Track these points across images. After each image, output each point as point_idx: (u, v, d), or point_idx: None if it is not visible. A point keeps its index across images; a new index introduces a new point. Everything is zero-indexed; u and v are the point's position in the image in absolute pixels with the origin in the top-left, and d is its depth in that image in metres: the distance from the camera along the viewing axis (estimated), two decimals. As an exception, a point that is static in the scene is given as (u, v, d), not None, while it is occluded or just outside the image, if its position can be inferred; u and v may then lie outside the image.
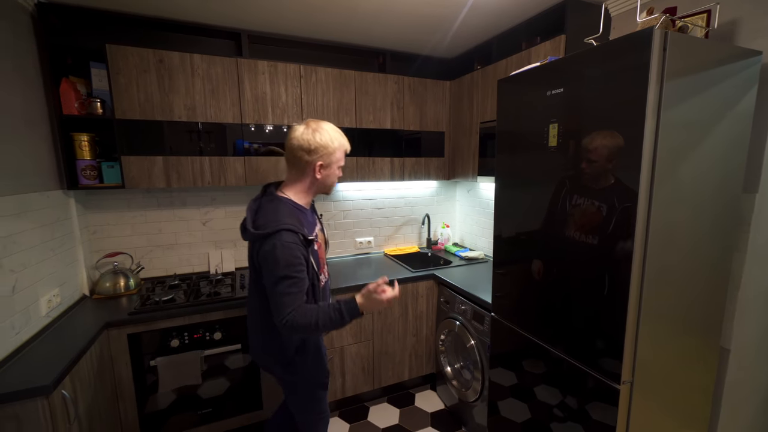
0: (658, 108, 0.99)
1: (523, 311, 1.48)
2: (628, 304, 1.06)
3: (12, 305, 1.32)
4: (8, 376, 1.18)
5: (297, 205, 1.28)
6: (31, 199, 1.49)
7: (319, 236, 1.37)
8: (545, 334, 1.36)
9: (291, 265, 1.13)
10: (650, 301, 1.08)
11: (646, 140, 0.99)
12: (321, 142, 1.24)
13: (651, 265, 1.06)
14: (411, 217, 2.85)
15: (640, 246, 1.04)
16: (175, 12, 1.82)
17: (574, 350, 1.24)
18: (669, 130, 1.01)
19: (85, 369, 1.37)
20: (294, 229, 1.16)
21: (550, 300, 1.34)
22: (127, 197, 2.04)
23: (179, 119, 1.84)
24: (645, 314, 1.08)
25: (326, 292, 1.41)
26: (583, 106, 1.16)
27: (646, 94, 0.97)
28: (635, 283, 1.05)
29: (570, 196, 1.21)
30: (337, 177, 1.35)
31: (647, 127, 0.98)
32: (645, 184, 1.01)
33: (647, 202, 1.02)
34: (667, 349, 1.17)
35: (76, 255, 1.81)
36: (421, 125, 2.44)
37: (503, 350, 1.61)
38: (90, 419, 1.38)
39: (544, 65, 1.30)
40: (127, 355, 1.63)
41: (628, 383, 1.11)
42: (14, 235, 1.37)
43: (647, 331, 1.10)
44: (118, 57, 1.71)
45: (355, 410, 2.21)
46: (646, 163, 1.00)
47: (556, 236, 1.28)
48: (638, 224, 1.02)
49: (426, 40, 2.20)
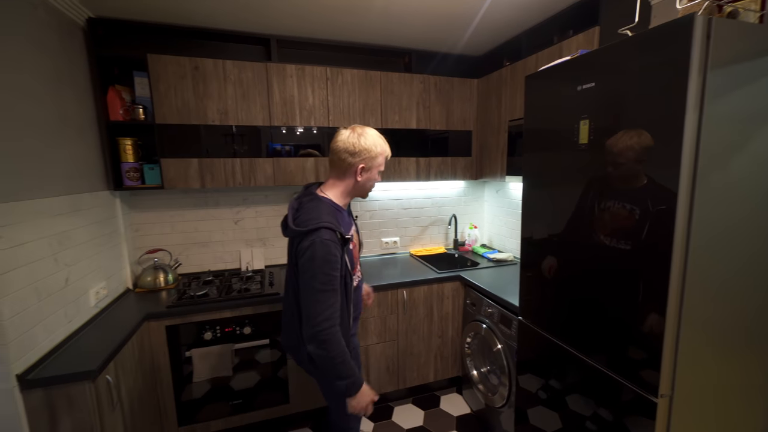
0: (700, 101, 0.92)
1: (552, 316, 1.42)
2: (666, 313, 0.99)
3: (65, 296, 1.45)
4: (61, 360, 1.29)
5: (336, 205, 1.31)
6: (83, 199, 1.62)
7: (354, 237, 1.39)
8: (575, 341, 1.30)
9: (327, 262, 1.15)
10: (694, 311, 1.01)
11: (686, 136, 0.92)
12: (364, 145, 1.28)
13: (694, 272, 0.98)
14: (438, 218, 2.82)
15: (680, 252, 0.97)
16: (210, 21, 1.91)
17: (608, 359, 1.18)
18: (714, 125, 0.94)
19: (127, 357, 1.47)
20: (332, 227, 1.18)
21: (579, 305, 1.28)
22: (167, 197, 2.17)
23: (213, 123, 1.93)
24: (687, 324, 1.00)
25: (359, 292, 1.44)
26: (616, 101, 1.09)
27: (687, 86, 0.90)
28: (674, 292, 0.98)
29: (599, 198, 1.15)
30: (376, 182, 1.39)
31: (688, 122, 0.91)
32: (685, 185, 0.94)
33: (688, 205, 0.95)
34: (718, 365, 1.08)
35: (121, 251, 1.95)
36: (448, 124, 2.41)
37: (531, 355, 1.55)
38: (131, 403, 1.48)
39: (575, 58, 1.24)
40: (165, 345, 1.74)
41: (666, 397, 1.04)
42: (68, 232, 1.49)
43: (691, 343, 1.02)
44: (158, 65, 1.82)
45: (379, 409, 2.22)
46: (687, 162, 0.93)
47: (586, 239, 1.22)
48: (678, 228, 0.95)
49: (451, 37, 2.17)
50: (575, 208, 1.26)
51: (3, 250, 1.15)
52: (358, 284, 1.43)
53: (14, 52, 1.27)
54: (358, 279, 1.42)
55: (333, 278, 1.17)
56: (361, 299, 1.48)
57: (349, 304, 1.30)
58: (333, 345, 1.14)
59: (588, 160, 1.19)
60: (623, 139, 1.05)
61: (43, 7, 1.45)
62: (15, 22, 1.29)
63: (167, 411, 1.78)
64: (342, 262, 1.21)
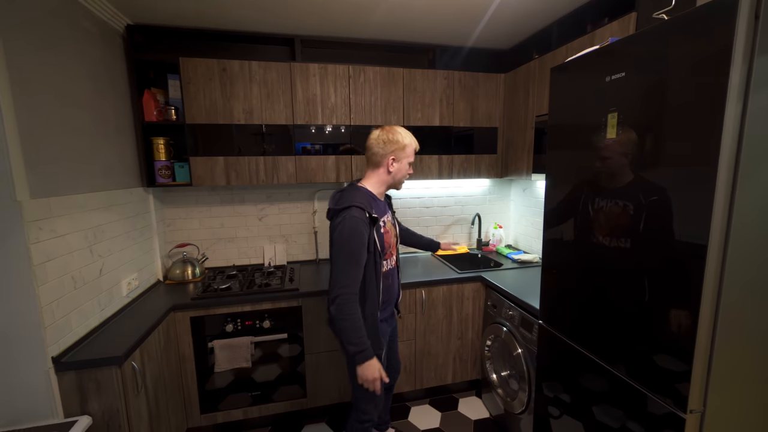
0: (745, 92, 0.82)
1: (573, 320, 1.34)
2: (699, 317, 0.90)
3: (99, 286, 1.55)
4: (93, 346, 1.38)
5: (371, 193, 1.48)
6: (117, 195, 1.73)
7: (388, 223, 1.52)
8: (597, 347, 1.22)
9: (353, 235, 1.30)
10: (732, 313, 0.91)
11: (726, 129, 0.83)
12: (393, 138, 1.46)
13: (735, 273, 0.89)
14: (461, 217, 2.75)
15: (716, 253, 0.87)
16: (237, 24, 1.97)
17: (632, 368, 1.09)
18: (759, 119, 0.84)
19: (152, 345, 1.55)
20: (362, 206, 1.35)
21: (601, 309, 1.19)
22: (196, 194, 2.27)
23: (238, 122, 1.99)
24: (725, 330, 0.91)
25: (393, 278, 1.57)
26: (649, 92, 1.01)
27: (728, 75, 0.81)
28: (709, 291, 0.89)
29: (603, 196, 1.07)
30: (407, 174, 1.53)
31: (729, 114, 0.82)
32: (724, 181, 0.85)
33: (728, 201, 0.86)
34: (760, 377, 0.97)
35: (152, 244, 2.07)
36: (472, 121, 2.34)
37: (551, 361, 1.47)
38: (155, 389, 1.56)
39: (604, 47, 1.16)
40: (190, 335, 1.82)
41: (697, 413, 0.94)
42: (103, 226, 1.60)
43: (728, 351, 0.92)
44: (189, 68, 1.90)
45: (396, 408, 2.21)
46: (727, 157, 0.84)
47: (608, 240, 1.13)
48: (714, 227, 0.86)
49: (476, 31, 2.10)
50: (598, 207, 1.17)
51: (44, 241, 1.24)
52: (390, 271, 1.54)
53: (60, 60, 1.37)
54: (391, 266, 1.54)
55: (357, 251, 1.32)
56: (393, 288, 1.58)
57: (378, 284, 1.42)
58: (348, 310, 1.29)
59: (616, 155, 1.11)
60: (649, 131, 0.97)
61: (87, 18, 1.56)
62: (61, 32, 1.39)
63: (191, 398, 1.87)
64: (370, 240, 1.36)
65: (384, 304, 1.52)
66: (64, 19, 1.41)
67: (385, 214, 1.52)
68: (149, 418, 1.49)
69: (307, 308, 1.95)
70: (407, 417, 2.15)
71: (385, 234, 1.47)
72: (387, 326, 1.59)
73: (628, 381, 1.10)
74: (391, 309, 1.61)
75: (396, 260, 1.61)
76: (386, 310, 1.57)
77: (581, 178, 1.26)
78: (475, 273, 2.18)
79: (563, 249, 1.38)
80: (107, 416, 1.32)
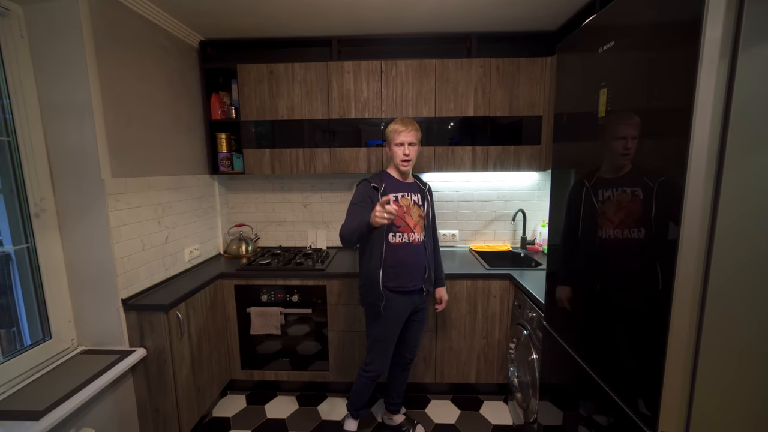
0: (732, 50, 0.68)
1: (570, 322, 1.21)
2: (669, 320, 0.76)
3: (165, 250, 1.94)
4: (155, 296, 1.75)
5: (388, 174, 1.76)
6: (186, 179, 2.13)
7: (404, 200, 1.71)
8: (586, 352, 1.09)
9: (355, 196, 1.70)
10: (721, 320, 0.75)
11: (700, 101, 0.69)
12: (388, 128, 1.73)
13: (722, 269, 0.73)
14: (504, 213, 2.61)
15: (696, 243, 0.73)
16: (283, 31, 2.22)
17: (612, 377, 0.96)
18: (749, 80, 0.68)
19: (198, 302, 1.88)
20: (368, 179, 1.71)
21: (592, 309, 1.06)
22: (252, 182, 2.62)
23: (282, 118, 2.25)
24: (709, 340, 0.76)
25: (411, 254, 1.70)
26: (632, 64, 0.88)
27: (700, 38, 0.68)
28: (686, 292, 0.75)
29: (604, 187, 0.94)
30: (399, 154, 1.68)
31: (701, 86, 0.69)
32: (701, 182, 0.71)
33: (713, 189, 0.71)
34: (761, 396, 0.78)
35: (216, 223, 2.47)
36: (511, 110, 2.21)
37: (553, 367, 1.35)
38: (199, 338, 1.89)
39: (600, 13, 1.03)
40: (233, 300, 2.14)
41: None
42: (171, 203, 1.99)
43: (714, 368, 0.76)
44: (244, 73, 2.22)
45: (416, 398, 2.23)
46: (705, 136, 0.70)
47: (594, 235, 1.01)
48: (689, 210, 0.73)
49: (516, 12, 1.98)
50: (588, 199, 1.05)
51: (120, 210, 1.63)
52: (405, 245, 1.69)
53: (142, 70, 1.77)
54: (407, 241, 1.69)
55: (353, 208, 1.66)
56: (412, 263, 1.70)
57: (381, 247, 1.64)
58: (343, 233, 1.63)
59: (607, 137, 0.98)
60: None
61: (166, 37, 1.96)
62: (143, 48, 1.79)
63: (234, 354, 2.19)
64: (374, 206, 1.51)
65: (393, 273, 1.68)
66: (146, 38, 1.81)
67: (403, 192, 1.72)
68: (191, 360, 1.82)
69: (331, 288, 2.11)
70: (425, 408, 2.15)
71: (398, 209, 1.66)
72: (403, 298, 1.71)
73: (609, 391, 0.97)
74: (405, 281, 1.70)
75: (420, 239, 1.73)
76: (397, 280, 1.69)
77: (584, 171, 1.14)
78: (503, 270, 2.06)
79: (560, 245, 1.25)
80: (157, 351, 1.66)
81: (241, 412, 2.12)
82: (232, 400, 2.23)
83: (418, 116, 2.22)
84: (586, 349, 1.11)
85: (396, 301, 1.70)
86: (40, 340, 1.50)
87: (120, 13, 1.65)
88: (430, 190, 1.84)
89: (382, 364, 1.77)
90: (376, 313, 1.70)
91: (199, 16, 1.97)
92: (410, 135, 1.66)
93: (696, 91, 0.69)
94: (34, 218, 1.46)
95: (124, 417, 1.64)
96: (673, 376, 0.78)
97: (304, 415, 2.10)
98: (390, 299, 1.68)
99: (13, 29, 1.38)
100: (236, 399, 2.24)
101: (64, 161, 1.51)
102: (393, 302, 1.69)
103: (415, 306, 1.77)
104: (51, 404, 1.26)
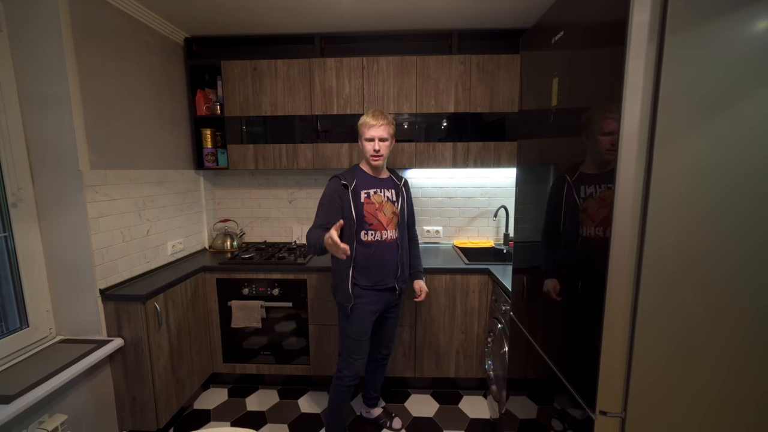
0: (660, 33, 0.70)
1: (531, 313, 1.23)
2: (605, 299, 0.78)
3: (146, 243, 1.97)
4: (135, 287, 1.77)
5: (361, 169, 1.71)
6: (169, 174, 2.16)
7: (375, 197, 1.66)
8: (543, 340, 1.11)
9: (324, 196, 1.66)
10: (654, 304, 0.77)
11: (630, 82, 0.71)
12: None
13: (654, 255, 0.75)
14: (488, 209, 2.62)
15: (629, 227, 0.75)
16: (267, 29, 2.24)
17: (563, 364, 0.98)
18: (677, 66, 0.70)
19: (178, 294, 1.91)
20: (339, 176, 1.66)
21: (547, 302, 1.08)
22: (239, 178, 2.65)
23: (265, 114, 2.28)
24: (643, 322, 0.77)
25: (382, 251, 1.66)
26: (575, 49, 0.90)
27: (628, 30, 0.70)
28: (619, 276, 0.77)
29: (568, 182, 0.96)
30: (369, 149, 1.63)
31: (630, 65, 0.71)
32: (632, 150, 0.73)
33: (645, 174, 0.73)
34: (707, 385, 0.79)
35: (201, 218, 2.50)
36: (491, 106, 2.23)
37: (518, 356, 1.37)
38: (178, 330, 1.91)
39: (552, 5, 1.05)
40: (215, 293, 2.16)
41: (615, 416, 0.81)
42: (153, 196, 2.02)
43: (650, 347, 0.78)
44: (228, 69, 2.25)
45: (396, 392, 2.24)
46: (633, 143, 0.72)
47: (553, 231, 1.03)
48: (620, 215, 0.75)
49: (496, 8, 2.00)
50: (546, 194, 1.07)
51: (99, 202, 1.66)
52: (376, 243, 1.65)
53: (124, 65, 1.81)
54: (378, 239, 1.65)
55: (322, 204, 1.64)
56: (381, 261, 1.66)
57: (351, 246, 1.57)
58: (308, 239, 1.58)
59: (558, 126, 1.00)
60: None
61: (149, 34, 2.00)
62: (125, 44, 1.82)
63: (215, 347, 2.21)
64: (344, 204, 1.59)
65: (364, 271, 1.65)
66: (128, 35, 1.84)
67: (376, 189, 1.67)
68: (170, 351, 1.84)
69: (311, 282, 2.13)
70: (404, 402, 2.17)
71: (366, 204, 1.64)
72: (375, 296, 1.67)
73: (555, 370, 0.99)
74: (377, 279, 1.67)
75: (393, 237, 1.68)
76: (368, 278, 1.66)
77: (535, 162, 1.16)
78: (481, 265, 2.08)
79: (524, 238, 1.28)
80: (134, 341, 1.69)
81: (222, 405, 2.14)
82: (214, 393, 2.25)
83: (400, 112, 2.25)
84: (543, 338, 1.13)
85: (367, 298, 1.66)
86: (17, 328, 1.53)
87: (101, 9, 1.68)
88: (406, 184, 1.80)
89: (355, 366, 1.69)
90: (346, 313, 1.68)
91: (182, 13, 2.00)
92: (381, 129, 1.60)
93: (625, 78, 0.71)
94: (11, 208, 1.49)
95: (102, 405, 1.67)
96: (610, 359, 0.79)
97: (284, 408, 2.12)
98: (361, 297, 1.65)
99: (-8, 23, 1.42)
100: (218, 392, 2.26)
101: (42, 152, 1.54)
102: (364, 300, 1.66)
103: (388, 303, 1.75)
104: (23, 389, 1.29)
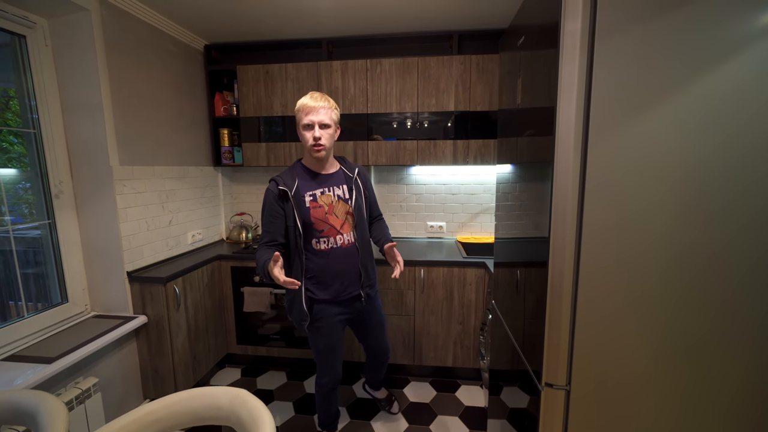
0: (590, 42, 0.77)
1: (506, 300, 1.30)
2: (547, 285, 0.86)
3: (168, 232, 2.18)
4: (157, 271, 1.98)
5: (303, 166, 1.48)
6: (190, 170, 2.37)
7: (322, 199, 1.43)
8: (512, 324, 1.19)
9: (263, 207, 1.45)
10: (590, 289, 0.84)
11: (563, 78, 0.79)
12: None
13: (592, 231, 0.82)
14: (491, 206, 2.67)
15: (569, 220, 0.83)
16: (279, 34, 2.41)
17: (520, 337, 1.06)
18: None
19: (195, 278, 2.10)
20: (275, 179, 1.44)
21: (516, 289, 1.16)
22: (254, 175, 2.84)
23: (276, 114, 2.44)
24: (583, 304, 0.85)
25: (340, 258, 1.44)
26: (531, 51, 0.97)
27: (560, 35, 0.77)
28: (562, 261, 0.84)
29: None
30: (308, 138, 1.39)
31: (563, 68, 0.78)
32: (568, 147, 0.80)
33: (579, 176, 0.81)
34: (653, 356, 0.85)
35: (219, 211, 2.71)
36: (491, 105, 2.28)
37: (496, 342, 1.44)
38: (195, 311, 2.11)
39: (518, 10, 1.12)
40: (230, 280, 2.35)
41: (560, 389, 0.89)
42: (175, 190, 2.23)
43: (590, 325, 0.85)
44: (243, 73, 2.43)
45: (397, 379, 2.35)
46: (571, 118, 0.79)
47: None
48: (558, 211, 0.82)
49: (497, 8, 2.06)
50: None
51: (126, 194, 1.87)
52: (333, 250, 1.43)
53: (149, 72, 2.02)
54: (334, 245, 1.43)
55: (265, 220, 1.42)
56: (335, 269, 1.44)
57: (301, 257, 1.39)
58: (256, 258, 1.36)
59: (519, 122, 1.08)
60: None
61: (171, 42, 2.20)
62: (149, 53, 2.03)
63: (230, 329, 2.41)
64: (287, 213, 1.39)
65: (321, 284, 1.45)
66: (153, 44, 2.05)
67: (323, 188, 1.43)
68: (188, 330, 2.04)
69: (316, 271, 2.27)
70: (403, 388, 2.27)
71: (313, 209, 1.40)
72: (338, 309, 1.50)
73: (512, 337, 1.06)
74: (338, 291, 1.48)
75: (351, 240, 1.47)
76: (327, 291, 1.46)
77: (515, 163, 1.23)
78: (478, 258, 2.15)
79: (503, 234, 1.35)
80: (156, 319, 1.89)
81: (235, 383, 2.33)
82: (229, 372, 2.45)
83: (402, 111, 2.35)
84: (513, 322, 1.20)
85: (329, 311, 1.48)
86: (58, 303, 1.77)
87: (129, 22, 1.89)
88: (361, 174, 1.57)
89: (334, 372, 1.60)
90: (304, 331, 1.52)
91: (202, 22, 2.20)
92: (321, 113, 1.35)
93: (559, 78, 0.78)
94: (54, 198, 1.72)
95: (128, 373, 1.88)
96: (554, 336, 0.87)
97: (291, 388, 2.28)
98: (321, 311, 1.47)
99: (39, 39, 1.64)
100: (232, 371, 2.46)
101: (79, 150, 1.77)
102: (325, 314, 1.48)
103: (357, 313, 1.58)
104: (62, 353, 1.50)
